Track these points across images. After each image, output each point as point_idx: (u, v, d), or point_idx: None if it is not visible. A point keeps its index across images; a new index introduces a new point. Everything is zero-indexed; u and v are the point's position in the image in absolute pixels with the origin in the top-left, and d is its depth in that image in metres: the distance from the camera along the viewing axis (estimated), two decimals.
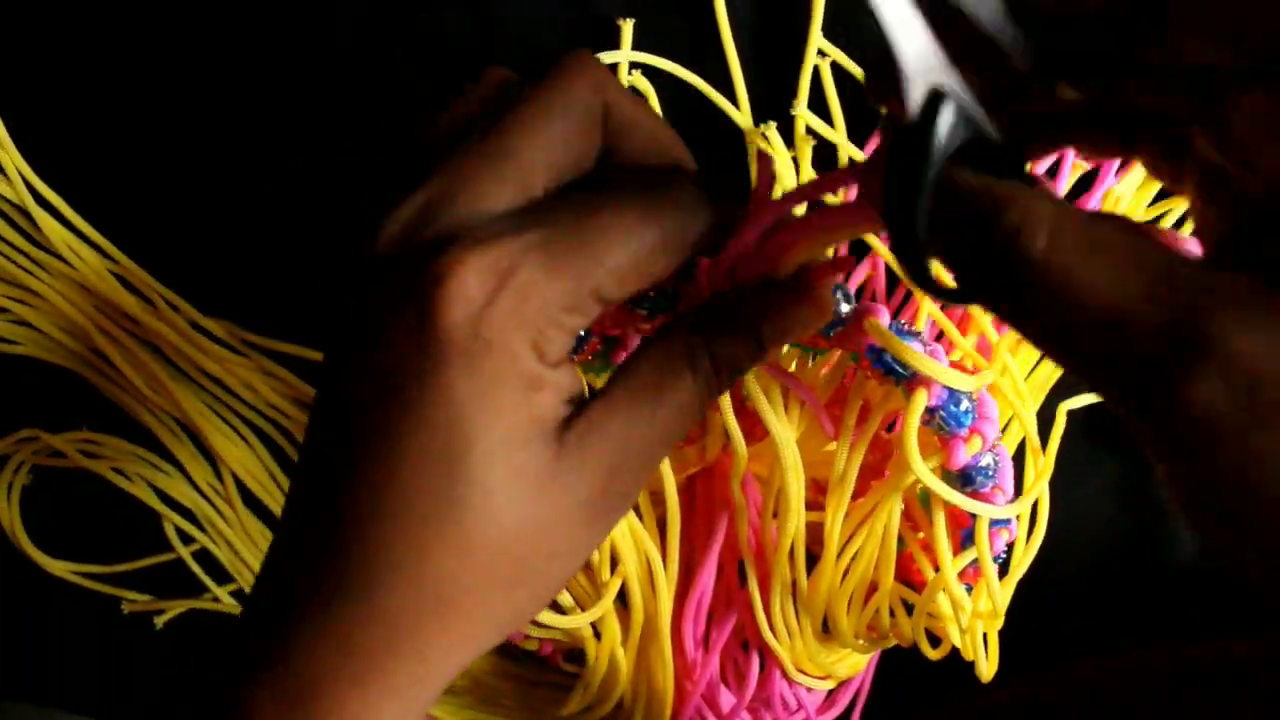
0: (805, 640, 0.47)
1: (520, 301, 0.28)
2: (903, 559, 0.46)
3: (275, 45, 0.52)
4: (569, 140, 0.30)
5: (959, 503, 0.39)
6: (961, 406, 0.38)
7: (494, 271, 0.27)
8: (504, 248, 0.28)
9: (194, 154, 0.53)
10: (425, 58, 0.52)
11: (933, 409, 0.38)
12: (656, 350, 0.31)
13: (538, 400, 0.29)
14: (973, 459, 0.39)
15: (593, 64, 0.31)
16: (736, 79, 0.51)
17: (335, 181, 0.53)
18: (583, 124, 0.31)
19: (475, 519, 0.29)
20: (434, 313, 0.27)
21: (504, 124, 0.30)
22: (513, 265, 0.28)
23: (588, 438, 0.30)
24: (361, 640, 0.30)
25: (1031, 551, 0.46)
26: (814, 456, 0.45)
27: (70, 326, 0.53)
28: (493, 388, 0.28)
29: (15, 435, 0.54)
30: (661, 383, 0.30)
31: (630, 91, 0.32)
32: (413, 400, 0.28)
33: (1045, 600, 0.53)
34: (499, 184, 0.29)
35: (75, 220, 0.52)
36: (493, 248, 0.28)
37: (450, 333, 0.27)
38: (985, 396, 0.39)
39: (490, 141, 0.30)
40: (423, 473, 0.28)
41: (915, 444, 0.37)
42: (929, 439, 0.40)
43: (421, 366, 0.28)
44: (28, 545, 0.54)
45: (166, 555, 0.55)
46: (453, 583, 0.29)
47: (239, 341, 0.54)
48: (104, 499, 0.55)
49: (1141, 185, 0.50)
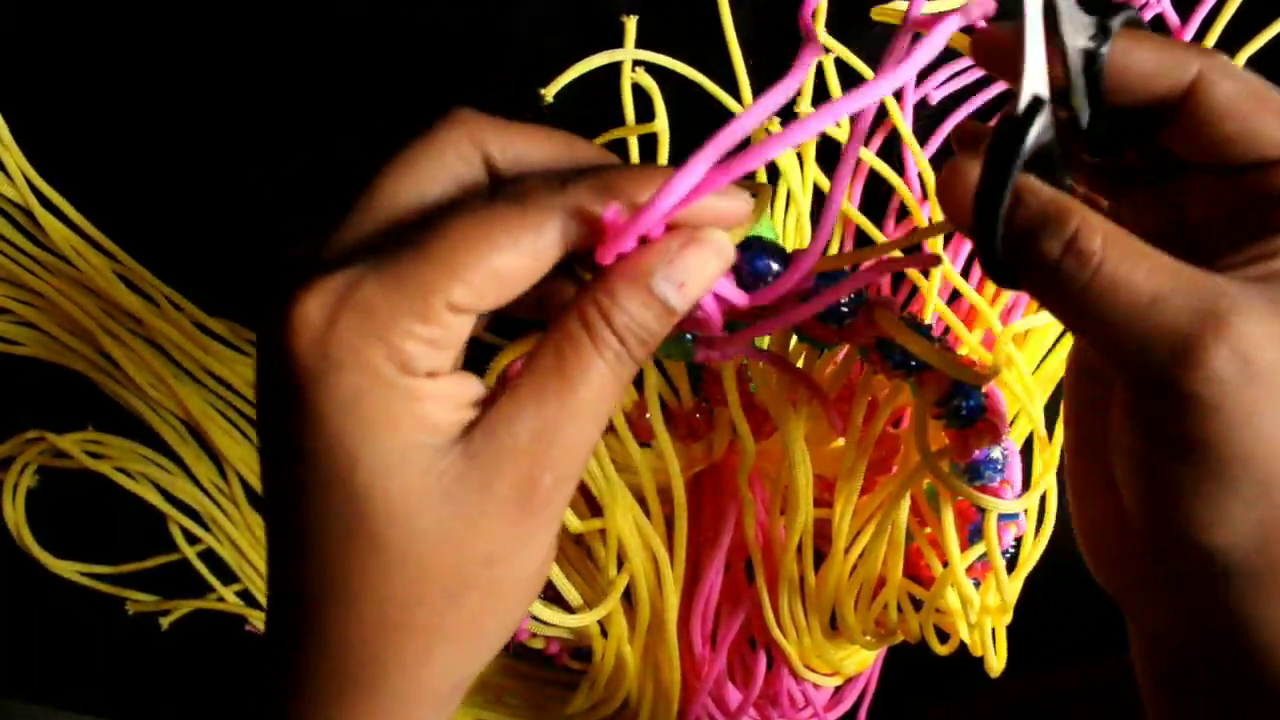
0: (813, 637, 0.47)
1: (362, 319, 0.28)
2: (911, 555, 0.46)
3: (276, 46, 0.52)
4: (435, 177, 0.31)
5: (968, 496, 0.39)
6: (971, 400, 0.38)
7: (333, 294, 0.28)
8: (345, 272, 0.28)
9: (196, 154, 0.53)
10: (426, 58, 0.52)
11: (941, 403, 0.38)
12: (555, 332, 0.30)
13: (421, 409, 0.29)
14: (982, 453, 0.39)
15: (465, 116, 0.32)
16: (740, 75, 0.51)
17: (335, 181, 0.53)
18: (449, 162, 0.31)
19: (386, 532, 0.29)
20: (284, 343, 0.28)
21: (379, 174, 0.31)
22: (352, 286, 0.28)
23: (496, 435, 0.29)
24: (328, 678, 0.30)
25: (1040, 545, 0.46)
26: (822, 453, 0.45)
27: (74, 327, 0.53)
28: (359, 404, 0.28)
29: (20, 436, 0.54)
30: (564, 366, 0.30)
31: (542, 124, 0.33)
32: (292, 431, 0.29)
33: (1054, 595, 0.52)
34: (360, 217, 0.31)
35: (78, 220, 0.52)
36: (334, 274, 0.28)
37: (300, 359, 0.28)
38: (994, 390, 0.39)
39: (363, 191, 0.31)
40: (324, 499, 0.29)
41: (926, 436, 0.37)
42: (937, 433, 0.40)
43: (289, 399, 0.28)
44: (33, 545, 0.54)
45: (172, 555, 0.55)
46: (392, 602, 0.29)
47: (243, 341, 0.54)
48: (109, 499, 0.54)
49: None
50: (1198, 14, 0.50)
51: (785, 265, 0.35)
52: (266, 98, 0.53)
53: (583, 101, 0.51)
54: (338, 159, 0.53)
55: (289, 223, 0.53)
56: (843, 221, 0.52)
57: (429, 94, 0.52)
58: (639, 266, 0.30)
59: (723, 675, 0.50)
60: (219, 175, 0.53)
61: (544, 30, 0.52)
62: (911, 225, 0.52)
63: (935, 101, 0.52)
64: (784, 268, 0.35)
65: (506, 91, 0.52)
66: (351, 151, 0.53)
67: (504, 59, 0.52)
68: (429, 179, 0.31)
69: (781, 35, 0.51)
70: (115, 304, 0.53)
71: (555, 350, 0.30)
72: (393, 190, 0.31)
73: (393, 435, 0.28)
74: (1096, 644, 0.53)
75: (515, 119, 0.46)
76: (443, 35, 0.52)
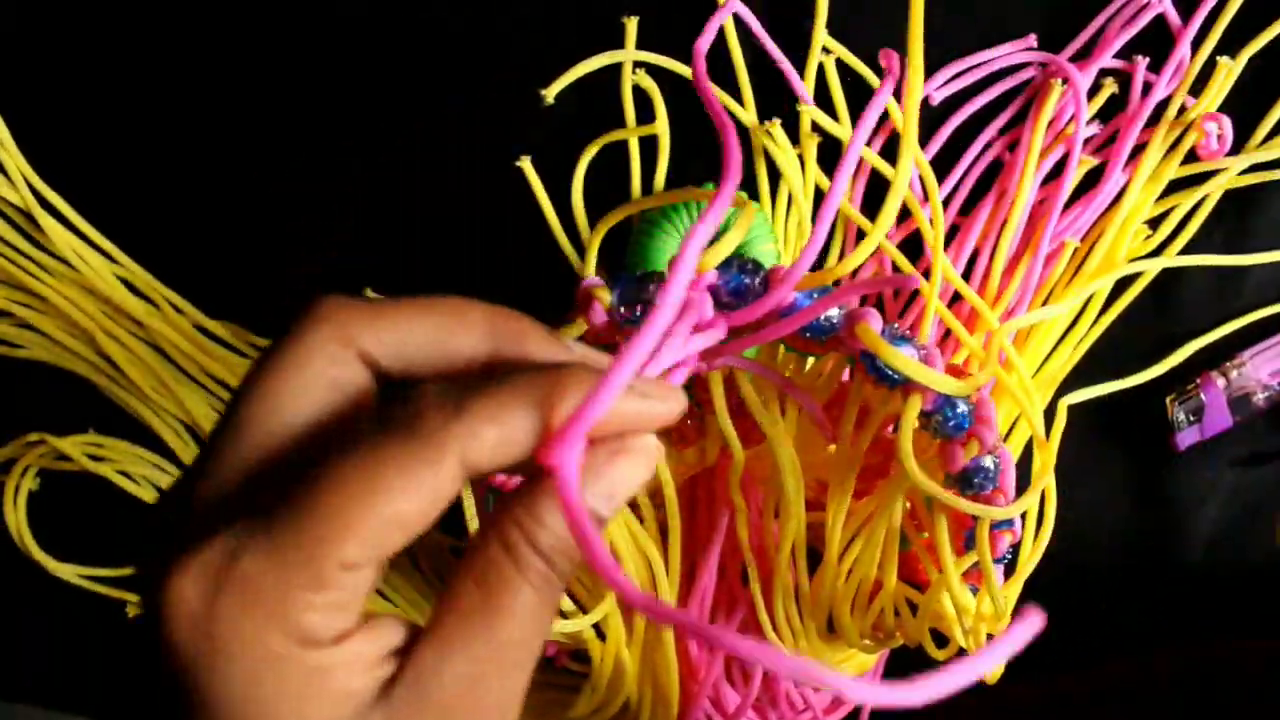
0: (810, 640, 0.46)
1: (248, 597, 0.24)
2: (908, 559, 0.45)
3: (276, 46, 0.52)
4: (307, 392, 0.27)
5: (957, 506, 0.38)
6: (958, 410, 0.38)
7: (210, 570, 0.24)
8: (220, 540, 0.25)
9: (196, 156, 0.53)
10: (426, 58, 0.52)
11: (928, 413, 0.38)
12: (475, 559, 0.27)
13: (330, 683, 0.25)
14: (971, 462, 0.38)
15: (327, 310, 0.28)
16: (741, 76, 0.51)
17: (335, 181, 0.53)
18: (320, 370, 0.27)
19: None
20: (161, 631, 0.25)
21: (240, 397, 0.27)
22: (230, 558, 0.24)
23: (421, 683, 0.26)
24: None
25: (1038, 551, 0.46)
26: (817, 456, 0.44)
27: (75, 330, 0.53)
28: (256, 690, 0.24)
29: (21, 439, 0.54)
30: (488, 599, 0.26)
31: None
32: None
33: (1054, 601, 0.52)
34: (228, 454, 0.27)
35: (79, 223, 0.53)
36: (207, 544, 0.25)
37: (183, 646, 0.24)
38: (985, 399, 0.39)
39: (227, 420, 0.27)
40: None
41: (910, 449, 0.37)
42: (929, 442, 0.40)
43: (180, 686, 0.25)
44: (34, 548, 0.54)
45: None
46: None
47: (244, 343, 0.54)
48: (110, 502, 0.55)
49: (1149, 179, 0.50)
50: (1199, 14, 0.50)
51: (764, 281, 0.35)
52: (266, 98, 0.53)
53: (583, 102, 0.51)
54: (338, 159, 0.53)
55: (289, 223, 0.53)
56: (844, 222, 0.52)
57: (429, 94, 0.52)
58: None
59: (720, 678, 0.50)
60: (219, 177, 0.53)
61: (543, 31, 0.52)
62: (912, 226, 0.51)
63: (936, 102, 0.51)
64: (763, 284, 0.35)
65: (506, 92, 0.52)
66: (351, 151, 0.53)
67: (504, 59, 0.52)
68: (300, 396, 0.27)
69: (782, 36, 0.51)
70: (116, 306, 0.53)
71: (478, 582, 0.26)
72: (260, 418, 0.27)
73: (301, 714, 0.25)
74: (1098, 649, 0.53)
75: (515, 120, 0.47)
76: (443, 35, 0.52)
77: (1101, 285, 0.50)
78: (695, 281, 0.35)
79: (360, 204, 0.53)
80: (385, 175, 0.53)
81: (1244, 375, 0.51)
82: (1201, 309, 0.52)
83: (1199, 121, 0.50)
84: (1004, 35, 0.51)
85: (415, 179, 0.53)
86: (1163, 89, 0.50)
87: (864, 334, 0.35)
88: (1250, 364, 0.51)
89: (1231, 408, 0.51)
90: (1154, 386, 0.51)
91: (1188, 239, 0.51)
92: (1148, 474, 0.53)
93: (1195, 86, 0.50)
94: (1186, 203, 0.50)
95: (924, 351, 0.37)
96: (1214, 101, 0.50)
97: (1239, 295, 0.52)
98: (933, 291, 0.47)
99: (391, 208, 0.53)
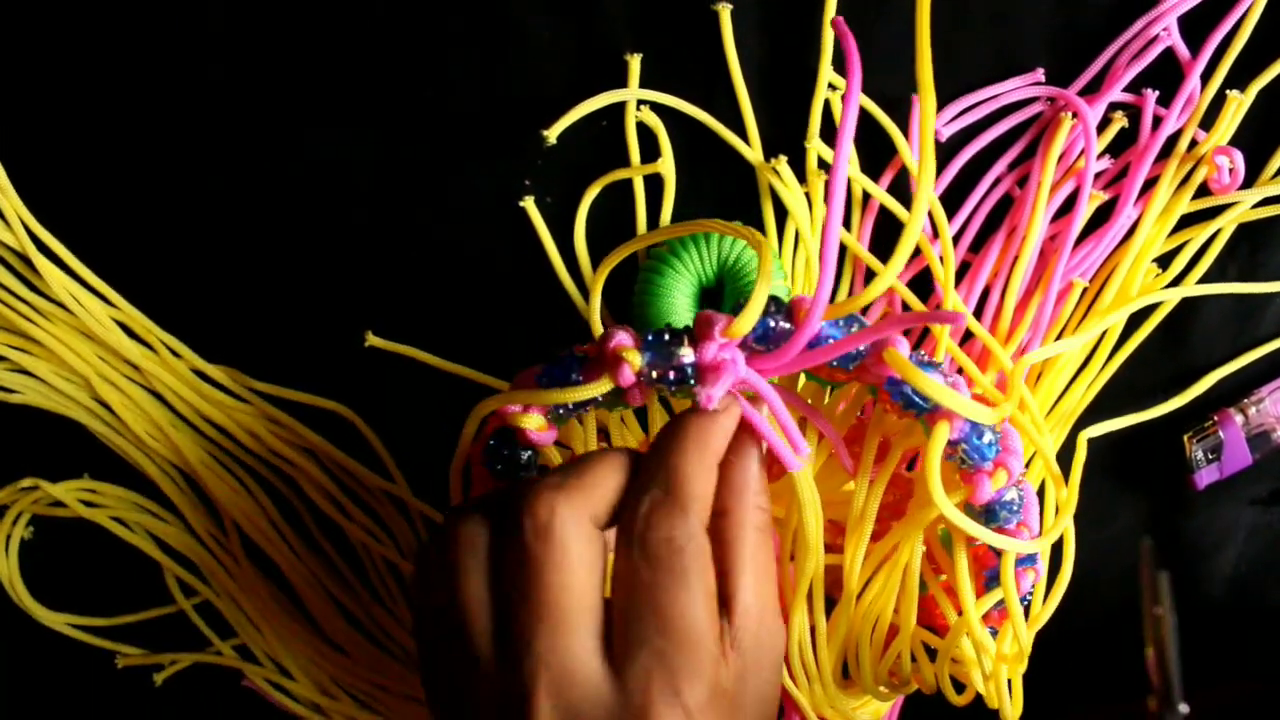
0: (825, 685, 0.45)
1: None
2: (925, 603, 0.44)
3: (275, 92, 0.52)
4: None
5: (984, 537, 0.37)
6: (985, 439, 0.37)
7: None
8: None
9: (193, 201, 0.52)
10: (428, 97, 0.52)
11: (955, 442, 0.37)
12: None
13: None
14: (997, 493, 0.37)
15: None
16: (746, 114, 0.50)
17: (335, 223, 0.52)
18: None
19: None
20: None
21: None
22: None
23: None
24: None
25: (1058, 591, 0.45)
26: (832, 496, 0.43)
27: (71, 374, 0.52)
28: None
29: (15, 484, 0.53)
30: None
31: None
32: None
33: (1072, 643, 0.51)
34: None
35: (76, 266, 0.52)
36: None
37: None
38: (1009, 429, 0.38)
39: None
40: None
41: (938, 476, 0.36)
42: (951, 474, 0.39)
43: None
44: (25, 597, 0.53)
45: (168, 608, 0.54)
46: None
47: (242, 388, 0.53)
48: (104, 549, 0.53)
49: (1161, 214, 0.49)
50: (1207, 47, 0.50)
51: (789, 319, 0.35)
52: (265, 141, 0.52)
53: (586, 141, 0.51)
54: (337, 201, 0.52)
55: (287, 266, 0.52)
56: (853, 261, 0.51)
57: (431, 134, 0.52)
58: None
59: None
60: (216, 221, 0.52)
61: (546, 66, 0.51)
62: (922, 264, 0.51)
63: (944, 138, 0.51)
64: (789, 322, 0.35)
65: (509, 132, 0.51)
66: (351, 193, 0.52)
67: (506, 95, 0.52)
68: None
69: (788, 73, 0.50)
70: (113, 351, 0.52)
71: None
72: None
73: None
74: (1114, 694, 0.52)
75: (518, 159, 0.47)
76: (443, 76, 0.52)
77: (1116, 319, 0.49)
78: (725, 344, 0.35)
79: (360, 245, 0.52)
80: (385, 216, 0.52)
81: (1262, 412, 0.50)
82: (1216, 345, 0.51)
83: (1210, 155, 0.49)
84: (1011, 69, 0.51)
85: (416, 219, 0.52)
86: (1173, 123, 0.50)
87: (893, 359, 0.34)
88: (1269, 400, 0.50)
89: (1250, 445, 0.50)
90: (1171, 427, 0.50)
91: (1201, 274, 0.50)
92: (1166, 514, 0.52)
93: (1205, 120, 0.50)
94: (1199, 238, 0.50)
95: (951, 380, 0.36)
96: (1225, 135, 0.50)
97: (1255, 330, 0.51)
98: (943, 330, 0.46)
99: (392, 249, 0.52)
